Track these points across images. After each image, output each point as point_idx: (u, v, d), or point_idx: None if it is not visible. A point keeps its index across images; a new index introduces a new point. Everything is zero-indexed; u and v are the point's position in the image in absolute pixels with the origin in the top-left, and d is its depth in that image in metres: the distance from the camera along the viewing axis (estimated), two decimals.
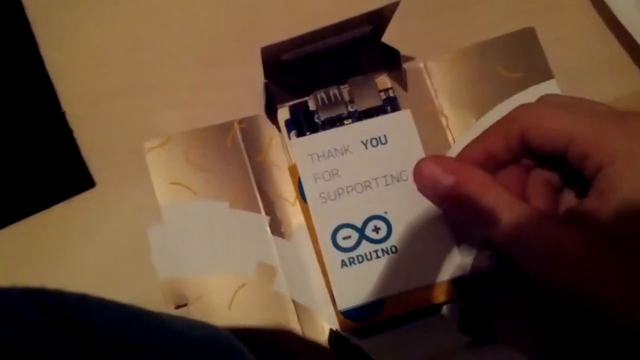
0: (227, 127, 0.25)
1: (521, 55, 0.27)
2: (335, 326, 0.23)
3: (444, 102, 0.26)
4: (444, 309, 0.24)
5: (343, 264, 0.23)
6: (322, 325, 0.24)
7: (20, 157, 0.25)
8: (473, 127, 0.26)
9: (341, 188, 0.23)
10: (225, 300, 0.23)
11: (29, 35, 0.26)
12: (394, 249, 0.23)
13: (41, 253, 0.24)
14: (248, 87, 0.26)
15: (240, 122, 0.25)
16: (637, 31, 0.26)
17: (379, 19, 0.23)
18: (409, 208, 0.23)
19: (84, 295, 0.16)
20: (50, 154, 0.25)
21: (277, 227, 0.24)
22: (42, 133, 0.26)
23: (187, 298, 0.23)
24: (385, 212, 0.23)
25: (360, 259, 0.23)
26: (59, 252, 0.24)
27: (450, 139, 0.26)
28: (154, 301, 0.23)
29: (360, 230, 0.23)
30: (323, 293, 0.23)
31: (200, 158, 0.25)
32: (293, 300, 0.24)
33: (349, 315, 0.22)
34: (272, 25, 0.27)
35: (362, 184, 0.23)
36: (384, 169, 0.23)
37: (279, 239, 0.24)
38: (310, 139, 0.24)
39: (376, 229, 0.23)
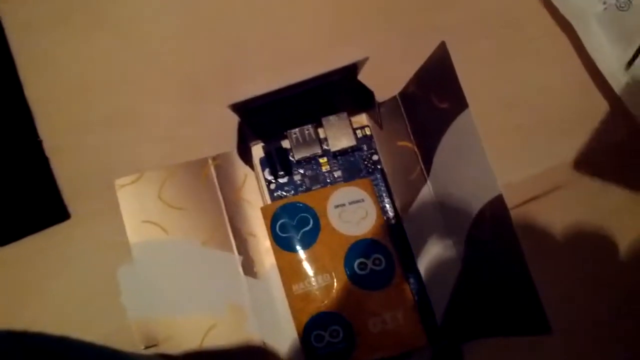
0: (201, 164, 0.25)
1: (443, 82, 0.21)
2: None
3: (415, 137, 0.25)
4: (415, 356, 0.23)
5: None
6: None
7: None
8: (434, 165, 0.24)
9: None
10: (195, 341, 0.23)
11: (9, 61, 0.26)
12: None
13: (12, 285, 0.24)
14: (226, 122, 0.25)
15: (215, 158, 0.25)
16: (618, 84, 0.26)
17: (351, 70, 0.22)
18: None
19: (65, 337, 0.16)
20: (25, 183, 0.25)
21: (249, 267, 0.24)
22: (17, 161, 0.25)
23: (157, 338, 0.23)
24: None
25: None
26: (29, 287, 0.24)
27: (425, 173, 0.25)
28: (123, 341, 0.23)
29: None
30: (293, 335, 0.23)
31: (173, 196, 0.24)
32: (264, 342, 0.23)
33: None
34: (254, 62, 0.27)
35: None
36: None
37: (251, 279, 0.24)
38: None
39: None
